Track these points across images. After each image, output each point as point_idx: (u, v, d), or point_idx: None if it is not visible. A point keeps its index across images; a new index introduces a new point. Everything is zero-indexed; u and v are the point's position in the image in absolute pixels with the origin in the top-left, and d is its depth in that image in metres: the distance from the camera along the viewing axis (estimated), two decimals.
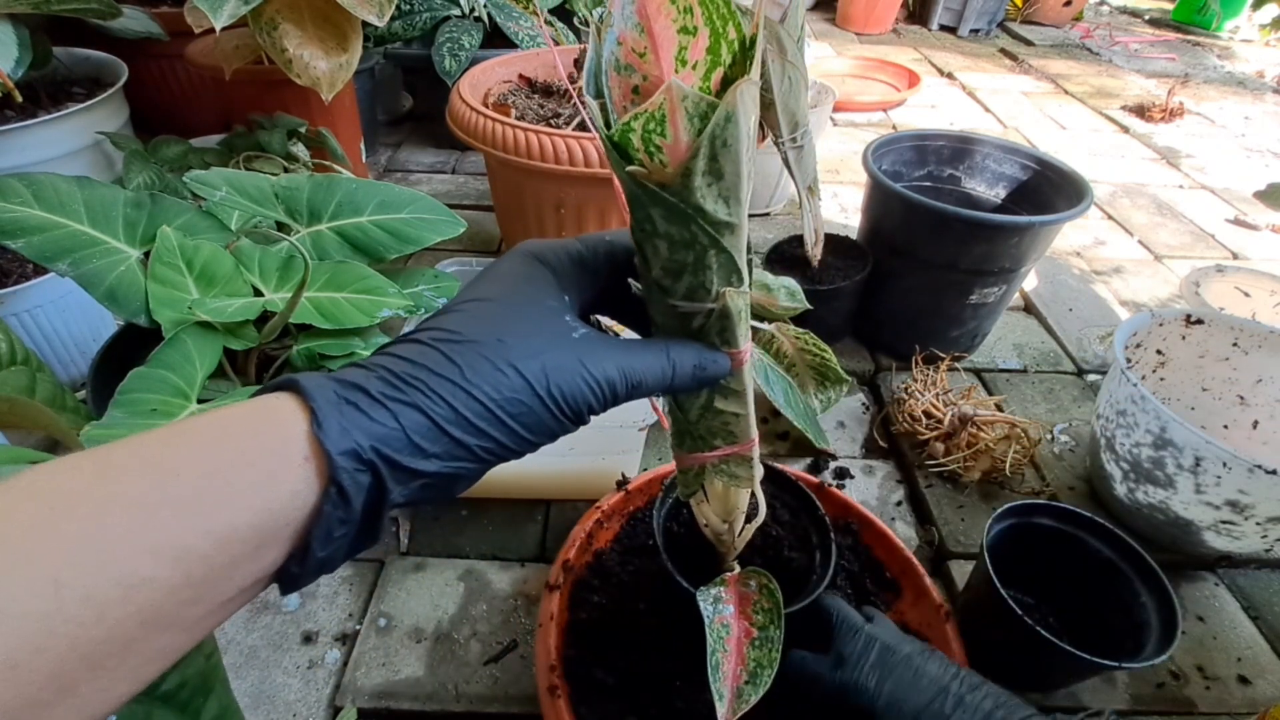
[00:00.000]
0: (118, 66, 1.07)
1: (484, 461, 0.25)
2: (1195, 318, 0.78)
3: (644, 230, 0.27)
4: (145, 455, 0.20)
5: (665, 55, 0.24)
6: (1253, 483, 0.60)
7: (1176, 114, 1.89)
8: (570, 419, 0.26)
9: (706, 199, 0.25)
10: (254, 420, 0.22)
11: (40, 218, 0.57)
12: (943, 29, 2.66)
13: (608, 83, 0.25)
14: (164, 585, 0.18)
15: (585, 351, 0.26)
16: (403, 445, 0.22)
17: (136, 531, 0.18)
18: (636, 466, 0.71)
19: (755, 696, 0.35)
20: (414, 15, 1.34)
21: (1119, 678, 0.62)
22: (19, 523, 0.18)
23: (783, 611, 0.38)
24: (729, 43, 0.23)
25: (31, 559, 0.17)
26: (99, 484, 0.19)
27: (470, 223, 1.02)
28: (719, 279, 0.27)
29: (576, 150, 0.83)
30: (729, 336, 0.30)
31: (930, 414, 0.82)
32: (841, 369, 0.82)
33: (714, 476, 0.36)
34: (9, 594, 0.16)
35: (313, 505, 0.21)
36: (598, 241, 0.31)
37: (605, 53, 0.25)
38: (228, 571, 0.20)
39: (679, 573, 0.44)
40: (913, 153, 1.00)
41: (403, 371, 0.23)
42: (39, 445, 0.67)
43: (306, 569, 0.22)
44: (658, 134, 0.23)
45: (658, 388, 0.28)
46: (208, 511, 0.19)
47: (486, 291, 0.27)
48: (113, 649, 0.18)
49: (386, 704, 0.57)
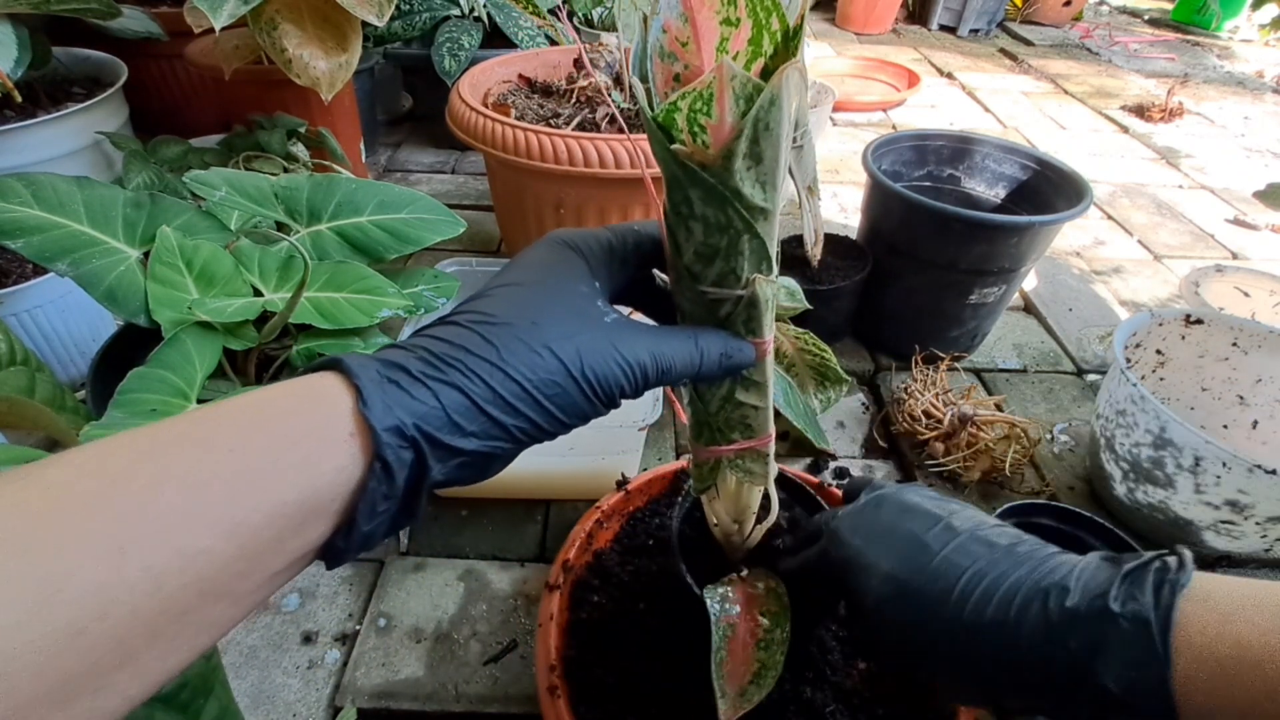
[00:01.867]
0: (117, 66, 1.07)
1: (519, 442, 0.25)
2: (1195, 318, 0.78)
3: (679, 213, 0.27)
4: (195, 433, 0.21)
5: (707, 45, 0.24)
6: (1252, 483, 0.60)
7: (1176, 114, 1.89)
8: (603, 401, 0.26)
9: (745, 182, 0.25)
10: (300, 398, 0.23)
11: (40, 218, 0.57)
12: (942, 29, 2.66)
13: (652, 69, 0.26)
14: (219, 557, 0.19)
15: (617, 335, 0.26)
16: (443, 423, 0.23)
17: (192, 505, 0.19)
18: (636, 466, 0.71)
19: (759, 697, 0.35)
20: (414, 15, 1.34)
21: None
22: (79, 496, 0.18)
23: (789, 613, 0.38)
24: (771, 34, 0.24)
25: (93, 530, 0.18)
26: (152, 460, 0.19)
27: (470, 223, 1.02)
28: (750, 265, 0.28)
29: (576, 150, 0.83)
30: (755, 325, 0.30)
31: (930, 414, 0.82)
32: (841, 369, 0.82)
33: (729, 472, 0.36)
34: (75, 563, 0.17)
35: (358, 480, 0.22)
36: (626, 231, 0.31)
37: (651, 39, 0.25)
38: (277, 544, 0.21)
39: (690, 575, 0.44)
40: (912, 153, 1.00)
41: (442, 352, 0.24)
42: (38, 445, 0.67)
43: (351, 543, 0.23)
44: (703, 113, 0.23)
45: (685, 373, 0.28)
46: (259, 486, 0.20)
47: (520, 277, 0.28)
48: (170, 618, 0.18)
49: (386, 704, 0.57)
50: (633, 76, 0.26)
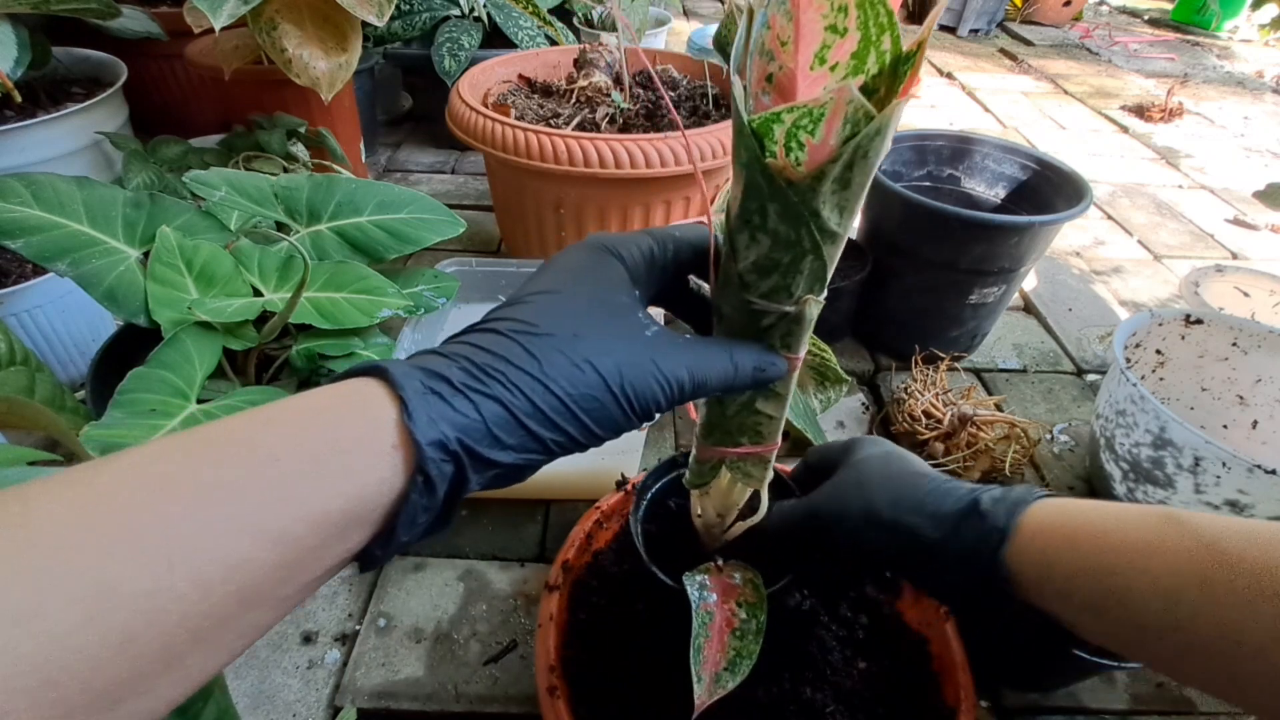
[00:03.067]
0: (117, 66, 1.07)
1: (552, 454, 0.25)
2: (1195, 318, 0.78)
3: (749, 222, 0.26)
4: (242, 439, 0.21)
5: (805, 50, 0.23)
6: (1252, 483, 0.60)
7: (1176, 114, 1.89)
8: (639, 416, 0.26)
9: (826, 205, 0.24)
10: (345, 406, 0.23)
11: (39, 218, 0.57)
12: (942, 29, 2.66)
13: (750, 65, 0.25)
14: (262, 565, 0.19)
15: (658, 350, 0.26)
16: (483, 436, 0.23)
17: (237, 514, 0.19)
18: (636, 466, 0.71)
19: (732, 683, 0.35)
20: (414, 15, 1.34)
21: (1119, 677, 0.62)
22: (127, 503, 0.18)
23: (766, 606, 0.38)
24: (880, 53, 0.23)
25: (143, 538, 0.18)
26: (200, 467, 0.20)
27: (470, 223, 1.02)
28: (804, 285, 0.27)
29: (576, 150, 0.83)
30: (792, 342, 0.30)
31: (930, 414, 0.82)
32: (841, 369, 0.82)
33: (727, 472, 0.36)
34: (124, 572, 0.17)
35: (399, 491, 0.22)
36: (667, 237, 0.31)
37: (754, 33, 0.24)
38: (317, 553, 0.21)
39: (661, 570, 0.44)
40: (912, 153, 1.00)
41: (484, 363, 0.24)
42: (38, 445, 0.67)
43: (389, 551, 0.23)
44: (807, 131, 0.22)
45: (719, 388, 0.28)
46: (303, 496, 0.20)
47: (561, 283, 0.27)
48: (213, 624, 0.19)
49: (386, 704, 0.57)
50: (732, 73, 0.25)
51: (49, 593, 0.16)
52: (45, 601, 0.16)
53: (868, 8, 0.22)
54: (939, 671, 0.50)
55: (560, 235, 0.96)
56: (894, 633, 0.53)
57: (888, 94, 0.23)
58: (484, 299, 0.84)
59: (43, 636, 0.16)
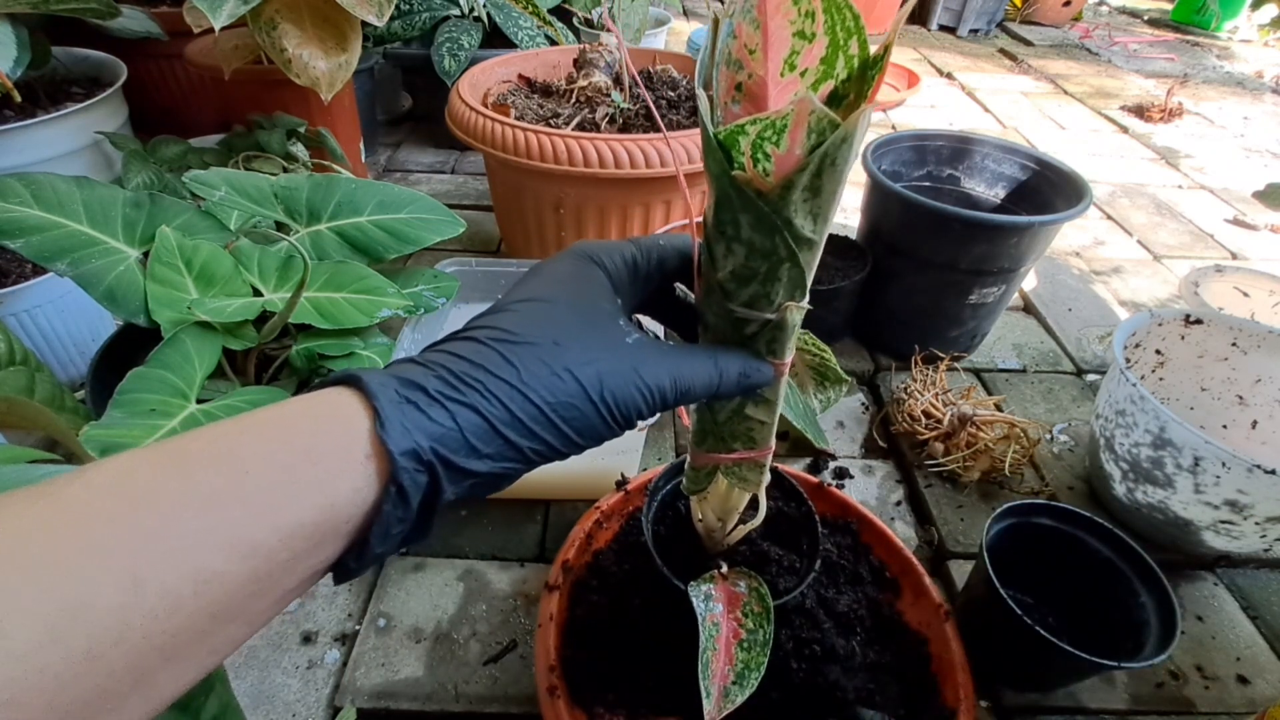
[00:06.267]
0: (117, 66, 1.07)
1: (531, 462, 0.25)
2: (1194, 318, 0.78)
3: (723, 232, 0.26)
4: (214, 451, 0.21)
5: (774, 57, 0.23)
6: (1252, 482, 0.60)
7: (1175, 114, 1.89)
8: (620, 424, 0.26)
9: (798, 214, 0.24)
10: (319, 416, 0.22)
11: (39, 218, 0.57)
12: (942, 29, 2.66)
13: (717, 75, 0.25)
14: (233, 580, 0.19)
15: (639, 358, 0.26)
16: (459, 445, 0.23)
17: (209, 528, 0.19)
18: (636, 466, 0.71)
19: (741, 697, 0.35)
20: (413, 15, 1.34)
21: (1118, 678, 0.62)
22: (95, 517, 0.18)
23: (772, 615, 0.38)
24: (848, 58, 0.23)
25: (112, 553, 0.17)
26: (169, 480, 0.19)
27: (470, 223, 1.02)
28: (784, 292, 0.27)
29: (576, 150, 0.83)
30: (777, 348, 0.30)
31: (930, 414, 0.82)
32: (841, 369, 0.81)
33: (723, 477, 0.36)
34: (93, 589, 0.17)
35: (372, 503, 0.22)
36: (651, 246, 0.31)
37: (720, 43, 0.24)
38: (290, 565, 0.20)
39: (669, 569, 0.44)
40: (912, 153, 1.00)
41: (461, 371, 0.24)
42: (38, 445, 0.67)
43: (363, 562, 0.23)
44: (772, 142, 0.22)
45: (704, 395, 0.28)
46: (275, 508, 0.20)
47: (543, 291, 0.27)
48: (184, 641, 0.18)
49: (386, 704, 0.57)
50: (697, 86, 0.25)
51: (12, 611, 0.16)
52: (8, 620, 0.16)
53: (834, 13, 0.22)
54: (938, 672, 0.50)
55: (560, 235, 0.96)
56: (894, 633, 0.53)
57: (857, 98, 0.23)
58: (484, 299, 0.84)
59: (4, 655, 0.15)
